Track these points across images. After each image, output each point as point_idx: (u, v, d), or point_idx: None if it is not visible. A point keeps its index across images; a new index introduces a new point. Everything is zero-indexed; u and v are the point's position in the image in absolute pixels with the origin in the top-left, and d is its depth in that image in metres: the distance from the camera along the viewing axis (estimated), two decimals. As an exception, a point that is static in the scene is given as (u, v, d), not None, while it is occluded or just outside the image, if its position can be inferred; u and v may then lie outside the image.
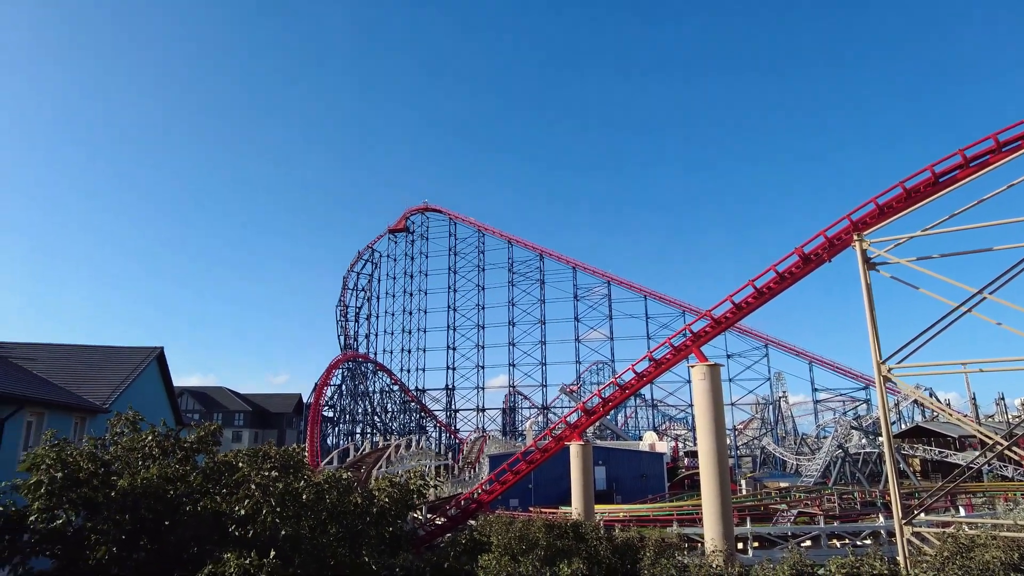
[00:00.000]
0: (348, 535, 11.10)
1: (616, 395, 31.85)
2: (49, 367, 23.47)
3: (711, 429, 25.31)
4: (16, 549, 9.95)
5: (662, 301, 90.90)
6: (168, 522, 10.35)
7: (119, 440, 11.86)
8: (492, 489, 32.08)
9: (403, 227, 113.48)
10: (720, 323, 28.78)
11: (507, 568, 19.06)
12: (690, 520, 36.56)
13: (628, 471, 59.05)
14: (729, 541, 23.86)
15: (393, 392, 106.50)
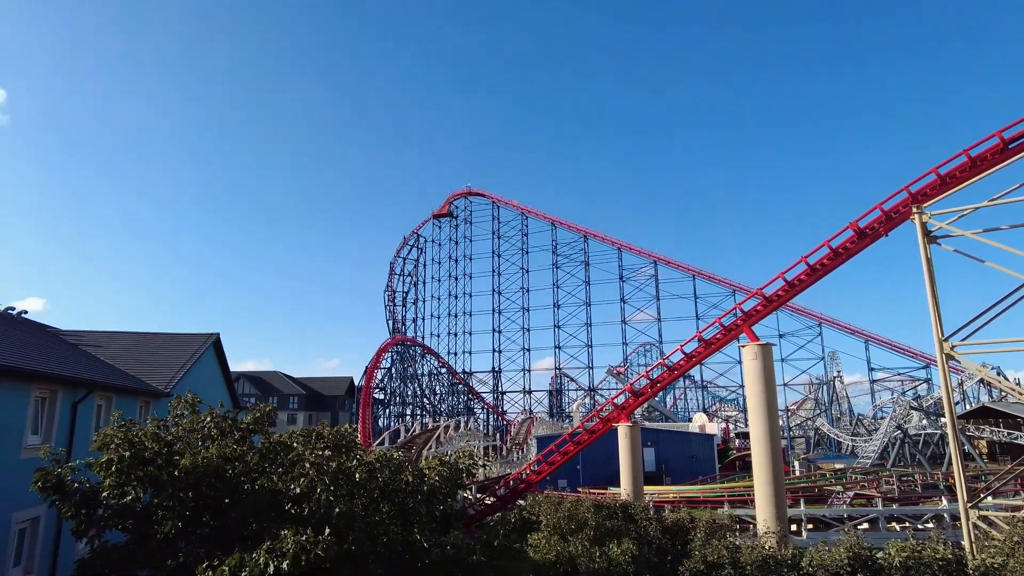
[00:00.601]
0: (400, 513, 11.31)
1: (665, 376, 31.51)
2: (115, 354, 24.56)
3: (763, 409, 24.84)
4: (92, 523, 10.51)
5: (711, 280, 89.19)
6: (228, 500, 10.72)
7: (180, 422, 12.33)
8: (540, 470, 32.27)
9: (447, 212, 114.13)
10: (772, 301, 28.08)
11: (557, 547, 19.21)
12: (742, 501, 36.09)
13: (678, 452, 58.55)
14: (782, 523, 23.47)
15: (441, 375, 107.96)
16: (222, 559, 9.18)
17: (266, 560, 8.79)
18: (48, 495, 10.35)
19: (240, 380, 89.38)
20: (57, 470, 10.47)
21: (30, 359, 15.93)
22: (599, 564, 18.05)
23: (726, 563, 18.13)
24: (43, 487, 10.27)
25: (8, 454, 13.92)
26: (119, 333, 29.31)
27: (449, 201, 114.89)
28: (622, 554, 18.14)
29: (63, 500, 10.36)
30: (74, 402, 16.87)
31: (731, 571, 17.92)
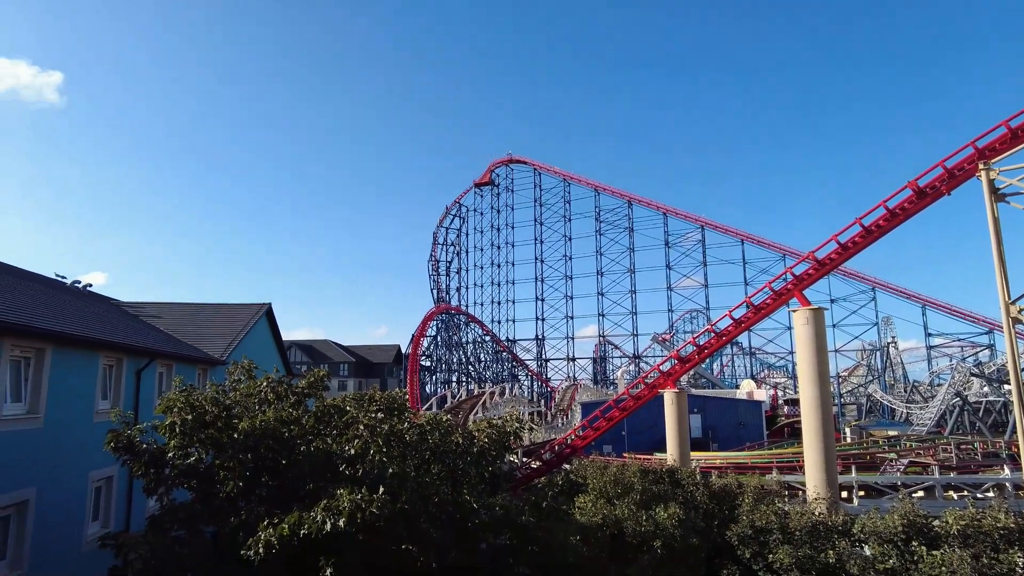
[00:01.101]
0: (450, 474, 11.56)
1: (712, 342, 31.09)
2: (173, 324, 25.56)
3: (814, 375, 24.32)
4: (161, 481, 11.09)
5: (760, 245, 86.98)
6: (285, 461, 11.14)
7: (237, 387, 12.80)
8: (586, 435, 32.48)
9: (488, 180, 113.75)
10: (824, 265, 27.26)
11: (603, 510, 19.38)
12: (790, 468, 35.64)
13: (725, 419, 58.02)
14: (832, 489, 23.12)
15: (485, 342, 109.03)
16: (281, 517, 9.57)
17: (323, 518, 9.13)
18: (120, 455, 10.93)
19: (292, 348, 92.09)
20: (127, 432, 11.02)
21: (97, 329, 16.71)
22: (646, 527, 18.16)
23: (774, 528, 18.02)
24: (115, 447, 10.84)
25: (82, 417, 14.73)
26: (176, 304, 30.46)
27: (490, 169, 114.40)
28: (669, 518, 18.20)
29: (133, 459, 10.93)
30: (138, 369, 17.68)
31: (779, 536, 17.81)
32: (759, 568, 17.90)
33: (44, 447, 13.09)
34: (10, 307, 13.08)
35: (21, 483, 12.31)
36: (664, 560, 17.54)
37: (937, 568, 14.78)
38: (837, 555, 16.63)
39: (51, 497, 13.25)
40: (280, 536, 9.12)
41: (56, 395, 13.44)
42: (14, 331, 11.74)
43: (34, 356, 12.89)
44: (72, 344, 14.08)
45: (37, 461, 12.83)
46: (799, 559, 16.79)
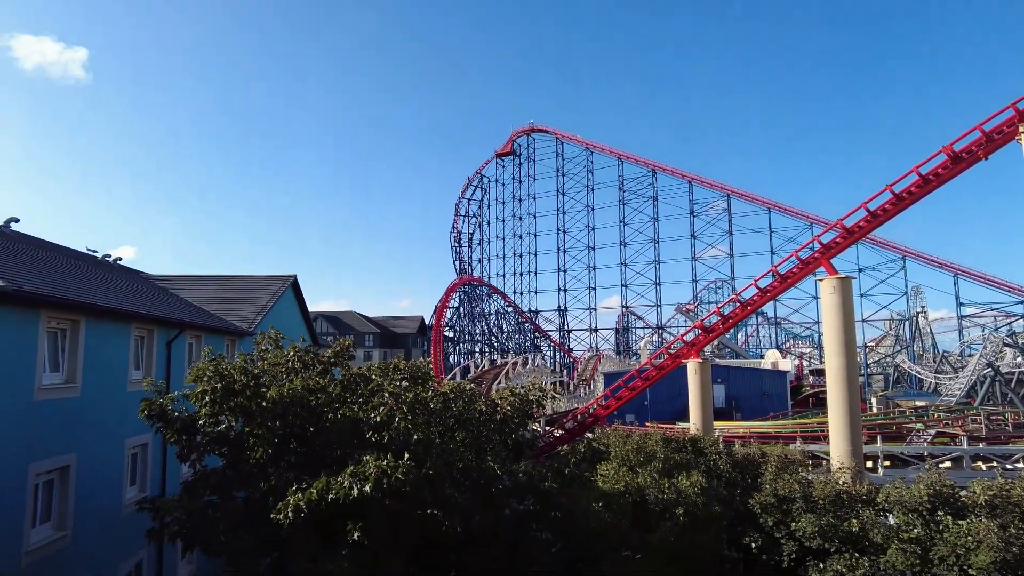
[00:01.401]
0: (473, 441, 11.74)
1: (737, 312, 30.83)
2: (200, 296, 26.02)
3: (840, 345, 24.03)
4: (193, 448, 11.42)
5: (787, 213, 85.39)
6: (312, 428, 11.39)
7: (265, 356, 13.05)
8: (608, 404, 32.60)
9: (510, 150, 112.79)
10: (852, 233, 26.71)
11: (625, 478, 19.52)
12: (815, 437, 35.52)
13: (749, 389, 57.82)
14: (857, 459, 22.99)
15: (507, 313, 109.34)
16: (310, 482, 9.82)
17: (350, 483, 9.35)
18: (153, 423, 11.27)
19: (318, 320, 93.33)
20: (159, 400, 11.34)
21: (128, 301, 17.09)
22: (668, 495, 18.28)
23: (797, 497, 18.01)
24: (148, 415, 11.17)
25: (117, 387, 15.17)
26: (204, 277, 30.95)
27: (512, 139, 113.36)
28: (691, 486, 18.28)
29: (166, 427, 11.26)
30: (168, 341, 18.08)
31: (802, 505, 17.80)
32: (781, 536, 17.95)
33: (82, 415, 13.53)
34: (45, 280, 13.42)
35: (62, 449, 12.77)
36: (686, 527, 17.67)
37: (963, 538, 14.70)
38: (861, 524, 16.61)
39: (90, 463, 13.74)
40: (308, 501, 9.37)
41: (91, 365, 13.84)
42: (50, 303, 12.07)
43: (69, 327, 13.24)
44: (105, 316, 14.43)
45: (76, 428, 13.28)
46: (822, 528, 16.80)
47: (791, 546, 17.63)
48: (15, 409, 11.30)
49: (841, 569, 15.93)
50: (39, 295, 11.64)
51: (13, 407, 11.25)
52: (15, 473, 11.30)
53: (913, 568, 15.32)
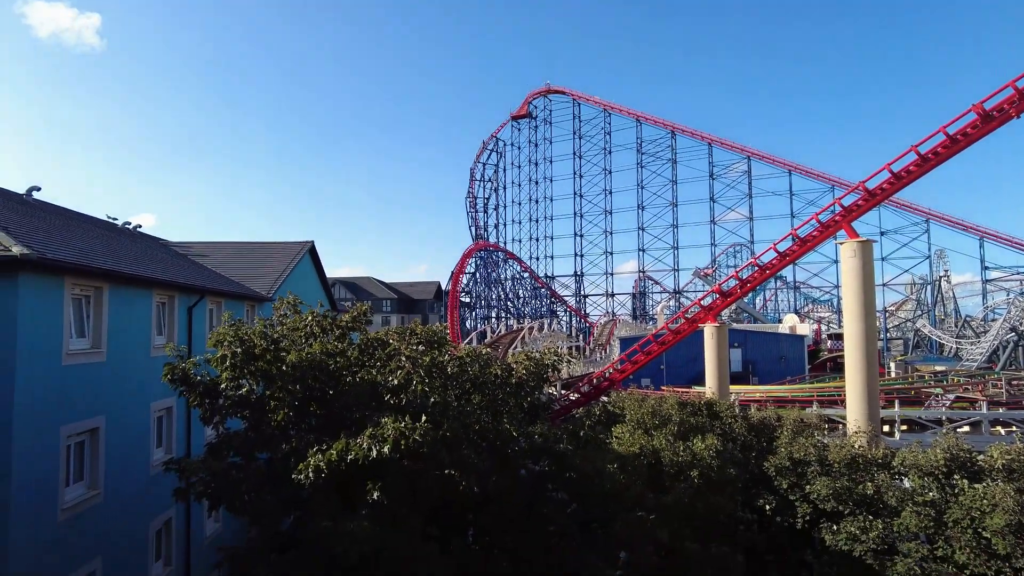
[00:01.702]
0: (490, 404, 11.90)
1: (755, 276, 30.57)
2: (219, 262, 26.29)
3: (859, 309, 23.80)
4: (215, 411, 11.69)
5: (808, 175, 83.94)
6: (332, 391, 11.60)
7: (284, 321, 13.23)
8: (624, 368, 32.73)
9: (526, 113, 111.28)
10: (875, 195, 26.20)
11: (640, 440, 19.72)
12: (831, 402, 35.45)
13: (766, 353, 57.66)
14: (874, 423, 22.97)
15: (524, 279, 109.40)
16: (330, 444, 10.05)
17: (369, 444, 9.55)
18: (176, 386, 11.53)
19: (336, 286, 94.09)
20: (181, 365, 11.58)
21: (149, 268, 17.34)
22: (683, 458, 18.46)
23: (812, 460, 18.11)
24: (171, 379, 11.43)
25: (141, 351, 15.51)
26: (222, 243, 31.24)
27: (528, 101, 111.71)
28: (706, 449, 18.43)
29: (189, 390, 11.52)
30: (189, 306, 18.37)
31: (817, 468, 17.91)
32: (796, 499, 18.12)
33: (108, 379, 13.89)
34: (68, 247, 13.64)
35: (91, 412, 13.15)
36: (701, 489, 17.87)
37: (978, 501, 14.73)
38: (876, 487, 16.69)
39: (118, 425, 14.15)
40: (329, 462, 9.59)
41: (115, 331, 14.13)
42: (73, 270, 12.28)
43: (93, 294, 13.49)
44: (127, 282, 14.67)
45: (103, 392, 13.64)
46: (836, 490, 16.92)
47: (805, 508, 17.80)
48: (45, 373, 11.62)
49: (855, 531, 16.08)
50: (63, 262, 11.84)
51: (43, 371, 11.56)
52: (48, 435, 11.68)
53: (927, 530, 15.42)
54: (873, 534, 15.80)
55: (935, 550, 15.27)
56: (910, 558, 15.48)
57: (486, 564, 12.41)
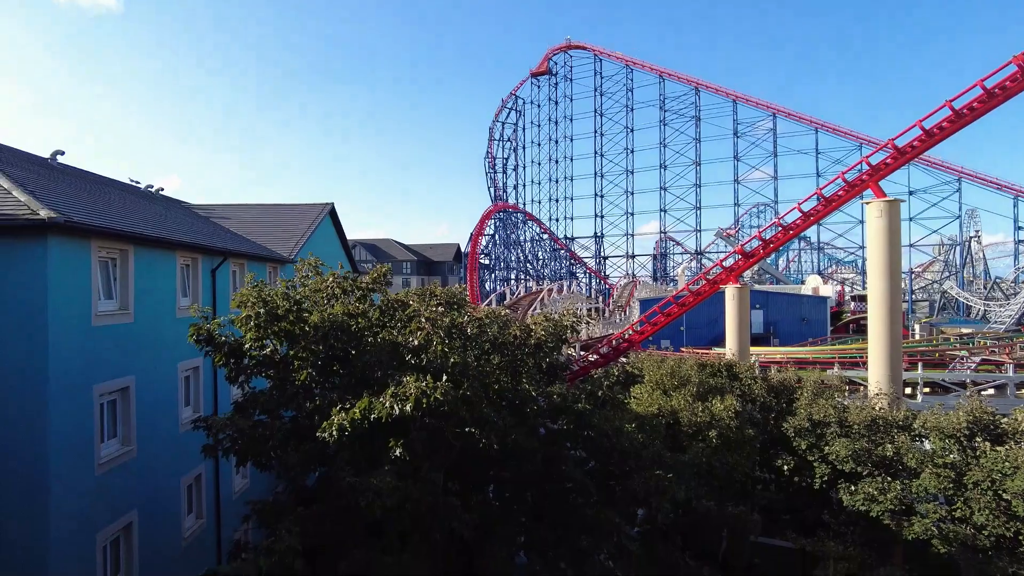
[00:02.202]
0: (509, 364, 12.02)
1: (779, 237, 30.13)
2: (241, 224, 26.53)
3: (884, 270, 23.42)
4: (241, 370, 11.96)
5: (836, 133, 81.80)
6: (354, 351, 11.78)
7: (306, 283, 13.39)
8: (643, 330, 32.72)
9: (545, 69, 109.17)
10: (904, 153, 25.49)
11: (659, 401, 19.85)
12: (853, 363, 35.24)
13: (787, 315, 57.27)
14: (896, 385, 22.83)
15: (543, 240, 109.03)
16: (352, 402, 10.26)
17: (391, 403, 9.74)
18: (202, 346, 11.78)
19: (356, 248, 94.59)
20: (206, 325, 11.81)
21: (173, 230, 17.56)
22: (701, 418, 18.57)
23: (832, 422, 18.10)
24: (197, 340, 11.68)
25: (167, 313, 15.83)
26: (243, 205, 31.47)
27: (547, 57, 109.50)
28: (725, 410, 18.51)
29: (215, 350, 11.77)
30: (212, 268, 18.62)
31: (837, 430, 17.91)
32: (814, 459, 18.19)
33: (136, 340, 14.22)
34: (93, 211, 13.83)
35: (121, 371, 13.51)
36: (718, 449, 18.02)
37: (1000, 463, 14.66)
38: (895, 449, 16.68)
39: (148, 384, 14.55)
40: (352, 419, 9.82)
41: (142, 292, 14.41)
42: (99, 233, 12.47)
43: (119, 256, 13.73)
44: (152, 244, 14.88)
45: (132, 352, 14.00)
46: (855, 452, 16.94)
47: (823, 469, 17.88)
48: (77, 334, 11.94)
49: (872, 492, 16.14)
50: (89, 225, 12.02)
51: (74, 332, 11.87)
52: (82, 393, 12.05)
53: (946, 492, 15.43)
54: (891, 495, 15.85)
55: (953, 511, 15.30)
56: (928, 519, 15.54)
57: (506, 518, 12.72)
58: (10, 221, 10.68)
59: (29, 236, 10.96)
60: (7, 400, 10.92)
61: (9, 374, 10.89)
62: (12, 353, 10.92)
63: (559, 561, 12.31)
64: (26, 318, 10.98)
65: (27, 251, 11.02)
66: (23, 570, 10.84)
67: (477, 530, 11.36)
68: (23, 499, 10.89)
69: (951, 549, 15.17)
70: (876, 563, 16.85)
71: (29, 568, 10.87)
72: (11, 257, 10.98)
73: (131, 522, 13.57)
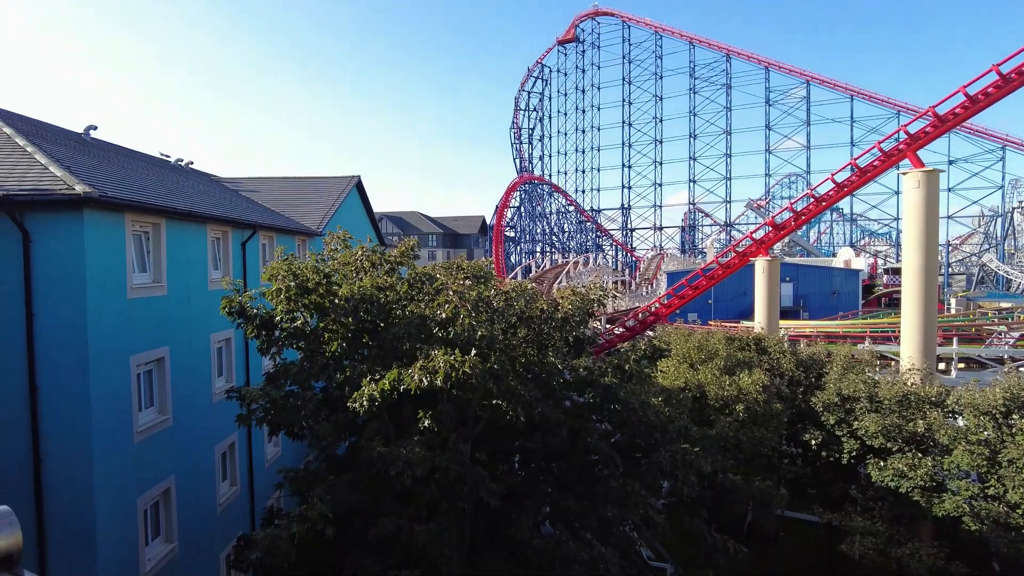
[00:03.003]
0: (535, 337, 12.05)
1: (811, 208, 29.50)
2: (270, 197, 26.77)
3: (920, 243, 22.81)
4: (272, 342, 12.18)
5: (873, 101, 79.13)
6: (383, 324, 11.92)
7: (335, 256, 13.50)
8: (670, 303, 32.49)
9: (572, 37, 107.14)
10: (946, 121, 24.60)
11: (685, 375, 19.78)
12: (885, 338, 34.62)
13: (818, 288, 56.35)
14: (929, 360, 22.37)
15: (569, 212, 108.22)
16: (382, 374, 10.40)
17: (420, 376, 9.86)
18: (233, 319, 12.00)
19: (383, 220, 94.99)
20: (238, 298, 12.01)
21: (203, 204, 17.79)
22: (728, 392, 18.48)
23: (862, 397, 17.88)
24: (229, 312, 11.89)
25: (199, 285, 16.13)
26: (271, 179, 31.73)
27: (575, 24, 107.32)
28: (752, 383, 18.39)
29: (246, 322, 11.99)
30: (243, 241, 18.88)
31: (866, 405, 17.70)
32: (842, 434, 18.04)
33: (170, 311, 14.55)
34: (126, 185, 14.06)
35: (156, 343, 13.86)
36: (745, 423, 17.95)
37: (1037, 440, 14.39)
38: (927, 425, 16.44)
39: (182, 355, 14.92)
40: (382, 391, 9.97)
41: (174, 265, 14.69)
42: (133, 207, 12.69)
43: (151, 230, 13.97)
44: (183, 218, 15.11)
45: (166, 324, 14.33)
46: (886, 427, 16.75)
47: (852, 444, 17.73)
48: (113, 306, 12.24)
49: (902, 468, 15.98)
50: (123, 199, 12.22)
51: (112, 304, 12.18)
52: (119, 364, 12.41)
53: (979, 469, 15.20)
54: (921, 471, 15.68)
55: (986, 489, 15.09)
56: (959, 496, 15.36)
57: (532, 488, 12.89)
58: (48, 196, 10.91)
59: (66, 211, 11.19)
60: (52, 373, 11.29)
61: (52, 347, 11.24)
62: (55, 326, 11.25)
63: (585, 531, 12.46)
64: (66, 292, 11.28)
65: (65, 226, 11.28)
66: (74, 532, 11.34)
67: (504, 500, 11.53)
68: (69, 468, 11.33)
69: (983, 527, 15.00)
70: (904, 539, 16.76)
71: (79, 530, 11.36)
72: (50, 232, 11.24)
73: (169, 487, 14.05)
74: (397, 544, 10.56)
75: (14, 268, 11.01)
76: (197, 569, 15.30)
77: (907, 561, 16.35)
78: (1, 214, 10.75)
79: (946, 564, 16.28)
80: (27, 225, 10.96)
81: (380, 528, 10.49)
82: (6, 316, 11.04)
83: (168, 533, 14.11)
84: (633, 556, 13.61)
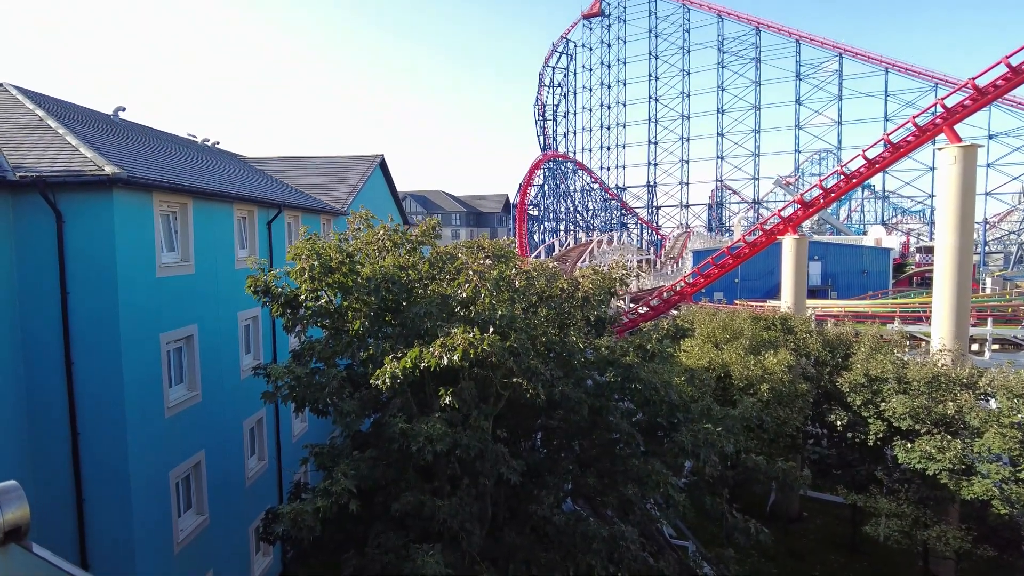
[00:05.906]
0: (556, 317, 12.06)
1: (841, 185, 28.87)
2: (294, 177, 26.97)
3: (955, 221, 22.18)
4: (297, 320, 12.35)
5: (908, 73, 76.67)
6: (405, 303, 12.02)
7: (358, 235, 13.59)
8: (695, 282, 32.20)
9: (598, 11, 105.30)
10: (986, 94, 23.77)
11: (710, 354, 19.64)
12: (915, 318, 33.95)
13: (847, 267, 55.31)
14: (962, 341, 21.88)
15: (593, 190, 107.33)
16: (404, 352, 10.51)
17: (440, 353, 9.94)
18: (259, 297, 12.19)
19: (406, 199, 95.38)
20: (263, 277, 12.19)
21: (229, 184, 18.00)
22: (753, 372, 18.33)
23: (890, 378, 17.60)
24: (254, 291, 12.08)
25: (225, 264, 16.40)
26: (295, 158, 31.93)
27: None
28: (778, 363, 18.20)
29: (272, 301, 12.17)
30: (268, 221, 19.10)
31: (895, 386, 17.42)
32: (869, 415, 17.80)
33: (198, 290, 14.83)
34: (154, 165, 14.28)
35: (185, 321, 14.17)
36: (769, 403, 17.81)
37: (1071, 423, 14.04)
38: (957, 407, 16.14)
39: (210, 333, 15.23)
40: (404, 368, 10.09)
41: (201, 244, 14.93)
42: (161, 187, 12.90)
43: (179, 210, 14.19)
44: (210, 198, 15.32)
45: (194, 302, 14.62)
46: (914, 409, 16.48)
47: (878, 425, 17.50)
48: (143, 285, 12.52)
49: (930, 450, 15.74)
50: (151, 180, 12.42)
51: (141, 283, 12.45)
52: (150, 341, 12.72)
53: (1011, 452, 14.92)
54: (950, 454, 15.43)
55: (1018, 472, 14.81)
56: (989, 479, 15.11)
57: (553, 466, 12.99)
58: (78, 177, 11.13)
59: (96, 191, 11.41)
60: (85, 350, 11.61)
61: (84, 326, 11.55)
62: (87, 305, 11.54)
63: (605, 508, 12.54)
64: (97, 271, 11.54)
65: (94, 206, 11.51)
66: (111, 503, 11.76)
67: (525, 476, 11.65)
68: (104, 444, 11.71)
69: (1013, 511, 14.77)
70: (930, 522, 16.58)
71: (115, 501, 11.77)
72: (80, 212, 11.48)
73: (199, 462, 14.44)
74: (419, 518, 10.76)
75: (48, 248, 11.29)
76: (227, 540, 15.79)
77: (933, 544, 16.19)
78: (34, 194, 11.01)
79: (973, 547, 16.09)
80: (59, 206, 11.21)
81: (403, 502, 10.69)
82: (43, 295, 11.36)
83: (200, 505, 14.54)
84: (655, 533, 13.69)
